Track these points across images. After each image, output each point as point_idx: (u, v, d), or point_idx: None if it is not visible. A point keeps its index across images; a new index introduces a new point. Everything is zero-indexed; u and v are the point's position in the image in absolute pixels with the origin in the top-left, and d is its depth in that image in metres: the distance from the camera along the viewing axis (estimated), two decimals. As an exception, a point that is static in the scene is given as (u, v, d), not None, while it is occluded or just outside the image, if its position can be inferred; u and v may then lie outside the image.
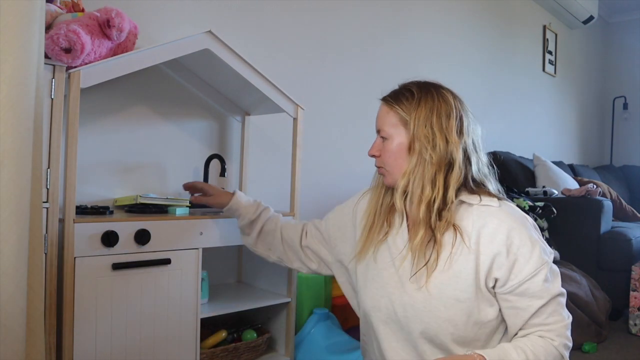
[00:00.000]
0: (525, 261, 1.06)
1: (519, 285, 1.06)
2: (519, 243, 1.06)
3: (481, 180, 1.15)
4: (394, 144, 1.13)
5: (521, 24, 4.15)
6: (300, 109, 1.89)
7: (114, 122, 1.79)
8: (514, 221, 1.08)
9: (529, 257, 1.06)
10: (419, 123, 1.10)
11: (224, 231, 1.66)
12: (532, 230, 1.10)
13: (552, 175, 3.62)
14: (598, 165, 5.19)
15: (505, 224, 1.07)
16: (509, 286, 1.07)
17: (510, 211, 1.10)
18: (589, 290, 2.54)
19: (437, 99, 1.13)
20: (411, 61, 3.06)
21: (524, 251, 1.06)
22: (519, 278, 1.06)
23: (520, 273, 1.06)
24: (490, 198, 1.11)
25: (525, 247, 1.06)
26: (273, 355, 1.88)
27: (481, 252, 1.06)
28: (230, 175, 2.11)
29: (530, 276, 1.06)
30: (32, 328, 1.18)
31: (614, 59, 5.48)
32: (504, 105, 3.98)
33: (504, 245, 1.05)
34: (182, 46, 1.57)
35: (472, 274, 1.06)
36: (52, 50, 1.29)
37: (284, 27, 2.35)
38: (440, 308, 1.07)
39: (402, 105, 1.13)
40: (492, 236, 1.06)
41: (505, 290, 1.07)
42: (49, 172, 1.31)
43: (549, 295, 1.08)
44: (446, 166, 1.09)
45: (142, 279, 1.46)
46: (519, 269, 1.06)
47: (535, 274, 1.06)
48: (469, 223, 1.08)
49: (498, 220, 1.07)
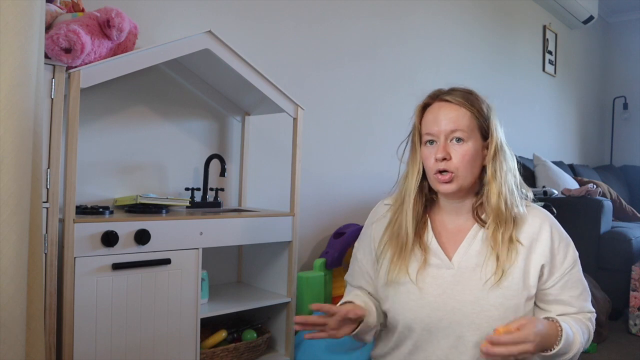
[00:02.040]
0: (564, 254, 1.17)
1: (560, 277, 1.16)
2: (559, 238, 1.17)
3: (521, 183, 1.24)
4: (472, 147, 1.11)
5: (521, 24, 4.15)
6: (300, 109, 1.89)
7: (114, 122, 1.79)
8: (550, 218, 1.19)
9: (567, 251, 1.17)
10: (495, 127, 1.14)
11: (224, 231, 1.66)
12: (563, 231, 1.22)
13: (552, 175, 3.62)
14: (598, 165, 5.18)
15: (547, 222, 1.17)
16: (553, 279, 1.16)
17: (541, 210, 1.21)
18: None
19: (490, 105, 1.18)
20: (411, 60, 3.06)
21: (564, 245, 1.17)
22: (561, 271, 1.16)
23: (561, 266, 1.16)
24: (525, 200, 1.20)
25: (564, 242, 1.18)
26: (273, 355, 1.88)
27: (532, 251, 1.14)
28: (230, 175, 2.11)
29: (570, 268, 1.17)
30: (32, 328, 1.18)
31: (614, 59, 5.48)
32: (504, 106, 3.98)
33: (549, 240, 1.15)
34: (182, 46, 1.57)
35: (520, 273, 1.12)
36: (52, 50, 1.29)
37: (284, 27, 2.35)
38: (490, 308, 1.11)
39: (479, 109, 1.13)
40: (538, 234, 1.15)
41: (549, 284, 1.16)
42: (49, 172, 1.31)
43: (582, 285, 1.20)
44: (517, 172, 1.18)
45: (142, 279, 1.46)
46: (560, 261, 1.16)
47: (574, 265, 1.17)
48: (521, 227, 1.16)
49: (540, 220, 1.16)
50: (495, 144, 1.13)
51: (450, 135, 1.11)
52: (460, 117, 1.11)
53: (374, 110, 2.78)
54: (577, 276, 1.18)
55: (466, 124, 1.11)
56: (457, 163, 1.10)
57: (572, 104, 4.97)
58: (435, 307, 1.13)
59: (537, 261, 1.14)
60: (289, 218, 1.86)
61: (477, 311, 1.11)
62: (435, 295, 1.14)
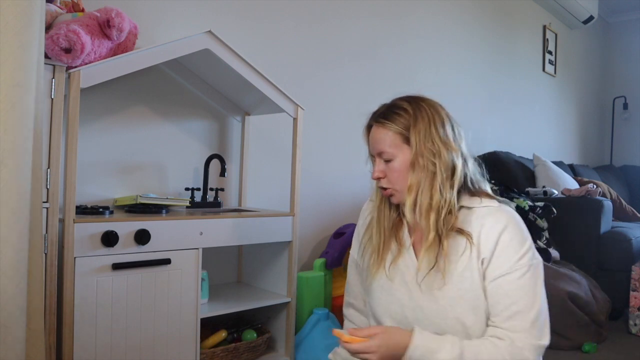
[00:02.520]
0: (506, 259, 1.08)
1: (493, 279, 1.09)
2: (508, 241, 1.09)
3: (477, 180, 1.19)
4: (399, 163, 1.13)
5: (521, 24, 4.15)
6: (300, 109, 1.89)
7: (114, 122, 1.79)
8: (508, 220, 1.11)
9: (511, 256, 1.09)
10: (419, 138, 1.11)
11: (224, 231, 1.66)
12: (525, 233, 1.13)
13: (552, 175, 3.62)
14: (598, 165, 5.18)
15: (501, 223, 1.10)
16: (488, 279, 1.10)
17: (507, 211, 1.14)
18: (589, 290, 2.54)
19: (430, 111, 1.14)
20: (411, 60, 3.06)
21: (509, 251, 1.09)
22: (496, 273, 1.09)
23: (498, 269, 1.09)
24: (490, 199, 1.15)
25: (511, 247, 1.09)
26: (273, 355, 1.88)
27: (481, 251, 1.10)
28: (230, 175, 2.11)
29: (505, 273, 1.08)
30: (32, 328, 1.18)
31: (614, 59, 5.48)
32: (504, 105, 3.98)
33: (495, 241, 1.09)
34: (182, 46, 1.57)
35: (476, 273, 1.10)
36: (52, 50, 1.29)
37: (284, 27, 2.35)
38: (447, 308, 1.11)
39: (399, 124, 1.13)
40: (487, 234, 1.10)
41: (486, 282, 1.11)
42: (49, 172, 1.31)
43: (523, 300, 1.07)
44: (450, 173, 1.12)
45: (142, 279, 1.46)
46: (498, 265, 1.09)
47: (510, 272, 1.08)
48: (470, 226, 1.12)
49: (494, 219, 1.11)
50: (413, 154, 1.12)
51: (380, 156, 1.16)
52: (382, 138, 1.15)
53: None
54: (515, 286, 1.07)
55: (389, 143, 1.14)
56: (391, 180, 1.15)
57: (572, 104, 4.97)
58: (402, 304, 1.17)
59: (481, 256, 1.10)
60: (289, 218, 1.86)
61: (435, 311, 1.12)
62: (402, 292, 1.17)
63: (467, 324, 1.10)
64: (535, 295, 1.07)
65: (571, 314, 2.37)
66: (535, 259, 1.10)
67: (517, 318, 1.06)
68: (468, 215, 1.13)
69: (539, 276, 1.10)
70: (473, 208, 1.13)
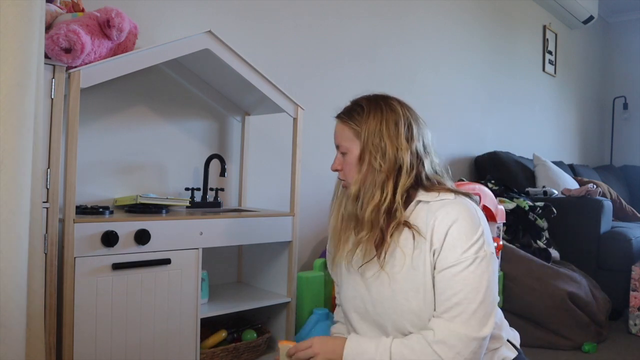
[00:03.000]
0: (452, 251, 1.09)
1: (439, 271, 1.10)
2: (456, 234, 1.10)
3: (436, 178, 1.21)
4: (352, 157, 1.19)
5: (521, 24, 4.15)
6: (300, 109, 1.89)
7: (114, 122, 1.79)
8: (459, 213, 1.11)
9: (458, 248, 1.09)
10: (368, 134, 1.16)
11: (224, 231, 1.66)
12: (475, 225, 1.12)
13: (552, 175, 3.62)
14: (598, 165, 5.18)
15: (451, 215, 1.11)
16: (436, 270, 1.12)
17: (462, 203, 1.14)
18: (589, 290, 2.54)
19: (385, 110, 1.18)
20: (411, 60, 3.06)
21: (456, 243, 1.09)
22: (442, 264, 1.10)
23: (445, 260, 1.10)
24: (446, 193, 1.17)
25: (459, 240, 1.10)
26: (273, 355, 1.88)
27: (433, 243, 1.12)
28: (230, 175, 2.11)
29: (450, 265, 1.09)
30: (32, 328, 1.18)
31: (614, 59, 5.48)
32: (504, 105, 3.98)
33: (444, 233, 1.11)
34: (182, 46, 1.57)
35: (428, 266, 1.12)
36: (52, 50, 1.29)
37: (284, 27, 2.35)
38: (403, 302, 1.13)
39: (354, 120, 1.19)
40: (439, 226, 1.12)
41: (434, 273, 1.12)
42: (49, 172, 1.31)
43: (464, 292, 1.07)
44: (396, 171, 1.15)
45: (142, 279, 1.46)
46: (445, 256, 1.10)
47: (455, 264, 1.08)
48: (423, 220, 1.14)
49: (445, 212, 1.12)
50: (361, 149, 1.17)
51: (338, 149, 1.23)
52: (339, 132, 1.22)
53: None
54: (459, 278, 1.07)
55: (344, 137, 1.20)
56: (345, 172, 1.21)
57: (572, 104, 4.97)
58: (363, 299, 1.20)
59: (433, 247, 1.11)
60: (289, 218, 1.86)
61: (392, 306, 1.15)
62: (362, 285, 1.20)
63: (424, 316, 1.11)
64: (478, 287, 1.07)
65: (571, 314, 2.37)
66: (484, 251, 1.09)
67: (456, 309, 1.07)
68: (423, 209, 1.15)
69: (487, 268, 1.09)
70: (430, 202, 1.15)
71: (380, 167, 1.14)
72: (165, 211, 1.67)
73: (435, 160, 1.23)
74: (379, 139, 1.15)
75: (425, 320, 1.12)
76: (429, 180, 1.19)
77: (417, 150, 1.18)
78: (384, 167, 1.14)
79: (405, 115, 1.19)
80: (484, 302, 1.07)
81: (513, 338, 1.27)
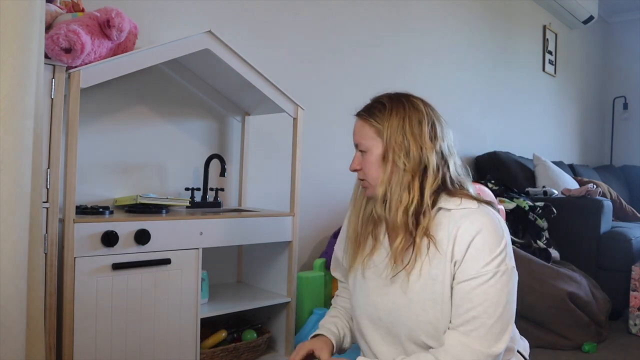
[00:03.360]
0: (474, 263, 1.06)
1: (459, 282, 1.07)
2: (479, 246, 1.06)
3: (459, 181, 1.16)
4: (373, 156, 1.15)
5: (521, 24, 4.15)
6: (300, 109, 1.89)
7: (114, 122, 1.79)
8: (484, 224, 1.07)
9: (480, 261, 1.06)
10: (391, 132, 1.12)
11: (224, 231, 1.66)
12: (499, 238, 1.08)
13: (552, 175, 3.62)
14: (598, 165, 5.18)
15: (475, 226, 1.07)
16: (455, 281, 1.08)
17: (486, 213, 1.10)
18: (589, 290, 2.54)
19: (407, 107, 1.14)
20: (411, 61, 3.06)
21: (478, 256, 1.06)
22: (462, 277, 1.06)
23: (465, 272, 1.06)
24: (469, 200, 1.12)
25: (482, 252, 1.06)
26: (273, 355, 1.88)
27: (454, 254, 1.08)
28: (230, 175, 2.11)
29: (470, 277, 1.05)
30: (32, 328, 1.18)
31: (614, 59, 5.48)
32: (504, 105, 3.98)
33: (467, 245, 1.07)
34: (182, 46, 1.57)
35: (448, 277, 1.08)
36: (52, 50, 1.29)
37: (284, 27, 2.35)
38: (419, 312, 1.10)
39: (375, 117, 1.16)
40: (462, 237, 1.08)
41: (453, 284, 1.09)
42: (49, 172, 1.31)
43: (482, 306, 1.04)
44: (421, 171, 1.11)
45: (142, 279, 1.46)
46: (466, 268, 1.06)
47: (476, 277, 1.05)
48: (445, 229, 1.09)
49: (469, 222, 1.08)
50: (384, 147, 1.13)
51: (357, 147, 1.20)
52: (360, 130, 1.19)
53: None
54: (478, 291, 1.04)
55: (364, 135, 1.17)
56: (365, 172, 1.18)
57: (572, 104, 4.97)
58: (376, 307, 1.16)
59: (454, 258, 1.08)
60: (289, 218, 1.86)
61: (408, 315, 1.11)
62: (376, 293, 1.16)
63: (440, 327, 1.08)
64: (498, 302, 1.04)
65: (571, 314, 2.37)
66: (505, 265, 1.06)
67: (473, 323, 1.04)
68: (445, 217, 1.10)
69: (507, 283, 1.06)
70: (451, 210, 1.10)
71: (405, 166, 1.10)
72: (165, 211, 1.67)
73: (457, 161, 1.18)
74: (402, 137, 1.11)
75: (441, 332, 1.08)
76: (453, 184, 1.14)
77: (441, 150, 1.13)
78: (408, 166, 1.10)
79: (428, 113, 1.15)
80: (501, 318, 1.04)
81: (523, 349, 1.24)
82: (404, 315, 1.12)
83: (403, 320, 1.12)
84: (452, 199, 1.12)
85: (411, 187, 1.10)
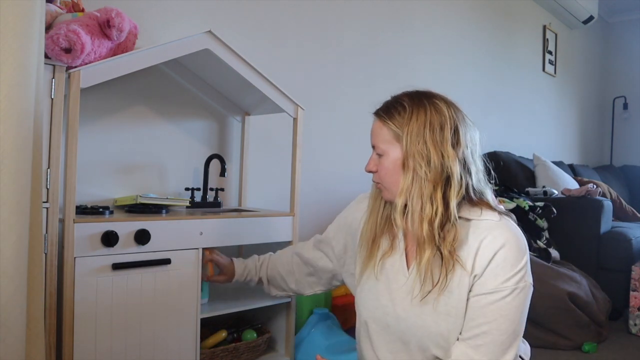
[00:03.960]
0: (493, 278, 1.04)
1: (475, 295, 1.05)
2: (501, 261, 1.04)
3: (480, 190, 1.12)
4: (389, 161, 1.10)
5: (521, 24, 4.15)
6: (300, 109, 1.89)
7: (114, 122, 1.79)
8: (507, 239, 1.05)
9: (500, 277, 1.04)
10: (411, 139, 1.06)
11: (224, 231, 1.66)
12: (521, 252, 1.07)
13: (552, 175, 3.62)
14: (598, 165, 5.19)
15: (499, 241, 1.05)
16: (472, 293, 1.06)
17: (509, 227, 1.08)
18: (589, 290, 2.54)
19: (429, 111, 1.07)
20: (411, 62, 3.06)
21: (499, 271, 1.04)
22: (480, 290, 1.04)
23: (483, 286, 1.04)
24: (491, 212, 1.09)
25: (503, 268, 1.04)
26: (273, 355, 1.88)
27: (475, 268, 1.06)
28: (230, 175, 2.11)
29: (487, 292, 1.03)
30: (32, 328, 1.18)
31: (614, 59, 5.48)
32: (504, 106, 3.99)
33: (489, 259, 1.04)
34: (182, 46, 1.57)
35: (464, 290, 1.06)
36: (52, 50, 1.29)
37: (284, 27, 2.35)
38: (431, 323, 1.08)
39: (394, 120, 1.09)
40: (484, 251, 1.05)
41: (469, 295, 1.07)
42: (49, 172, 1.31)
43: (496, 322, 1.02)
44: (444, 181, 1.05)
45: (142, 279, 1.46)
46: (484, 282, 1.04)
47: (493, 292, 1.03)
48: (465, 242, 1.07)
49: (492, 237, 1.05)
50: (404, 154, 1.07)
51: (374, 149, 1.14)
52: (377, 132, 1.13)
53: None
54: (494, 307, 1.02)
55: (382, 138, 1.11)
56: (380, 176, 1.13)
57: (572, 104, 4.97)
58: (386, 312, 1.14)
59: (474, 272, 1.06)
60: (289, 218, 1.85)
61: (418, 326, 1.09)
62: (387, 299, 1.14)
63: (451, 339, 1.07)
64: (512, 320, 1.03)
65: (571, 314, 2.37)
66: (524, 282, 1.05)
67: (484, 337, 1.02)
68: (464, 227, 1.08)
69: (524, 300, 1.05)
70: (472, 220, 1.08)
71: (427, 175, 1.04)
72: (165, 211, 1.67)
73: (480, 167, 1.13)
74: (423, 145, 1.05)
75: (451, 343, 1.07)
76: (475, 193, 1.10)
77: (464, 157, 1.07)
78: (430, 175, 1.04)
79: (451, 117, 1.08)
80: (513, 334, 1.03)
81: (524, 353, 1.23)
82: (414, 324, 1.09)
83: (412, 330, 1.09)
84: (472, 209, 1.08)
85: (434, 198, 1.04)
